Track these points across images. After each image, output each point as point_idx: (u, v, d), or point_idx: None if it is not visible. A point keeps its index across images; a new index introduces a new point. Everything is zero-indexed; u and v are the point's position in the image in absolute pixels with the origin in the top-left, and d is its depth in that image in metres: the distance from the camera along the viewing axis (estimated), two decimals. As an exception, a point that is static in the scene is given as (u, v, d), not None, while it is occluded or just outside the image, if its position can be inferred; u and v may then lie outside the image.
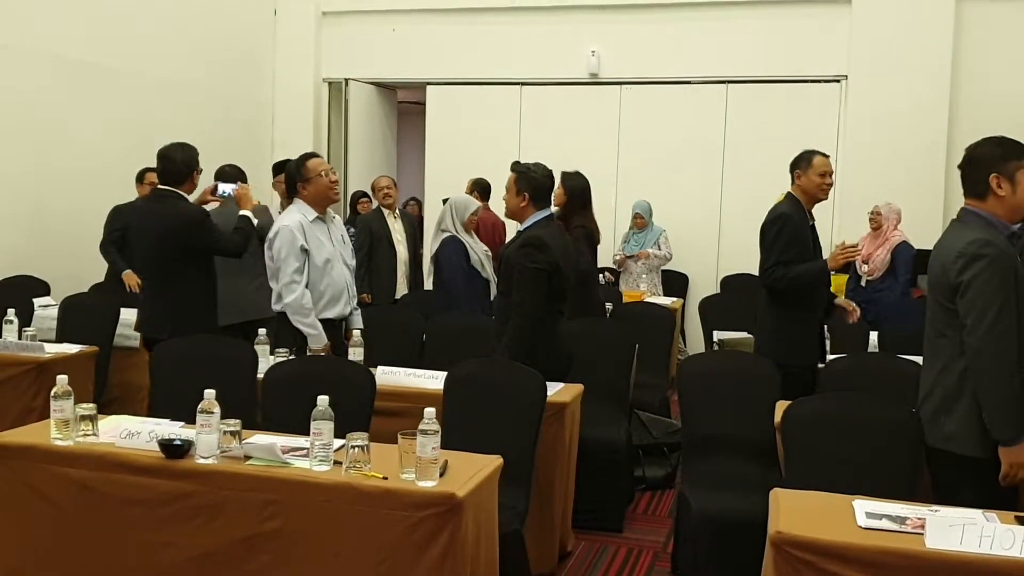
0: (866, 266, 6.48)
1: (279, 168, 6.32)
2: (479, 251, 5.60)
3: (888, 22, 7.57)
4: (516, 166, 4.11)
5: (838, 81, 7.83)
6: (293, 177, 4.23)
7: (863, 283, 6.45)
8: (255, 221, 4.70)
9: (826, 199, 4.41)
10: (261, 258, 4.37)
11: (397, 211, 6.75)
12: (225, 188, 4.81)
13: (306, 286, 4.07)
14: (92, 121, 6.79)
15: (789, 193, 4.39)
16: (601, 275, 6.85)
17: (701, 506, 3.49)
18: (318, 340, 4.04)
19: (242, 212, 4.67)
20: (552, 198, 5.30)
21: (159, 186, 4.56)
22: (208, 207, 4.86)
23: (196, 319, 4.43)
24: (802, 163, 4.37)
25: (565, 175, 5.43)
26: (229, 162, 7.44)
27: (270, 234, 4.14)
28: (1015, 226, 3.04)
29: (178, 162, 4.48)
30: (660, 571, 3.94)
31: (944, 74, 7.48)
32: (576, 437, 3.91)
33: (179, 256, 4.42)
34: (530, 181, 4.01)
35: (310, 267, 4.09)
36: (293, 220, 4.09)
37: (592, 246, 5.42)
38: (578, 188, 5.36)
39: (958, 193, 6.50)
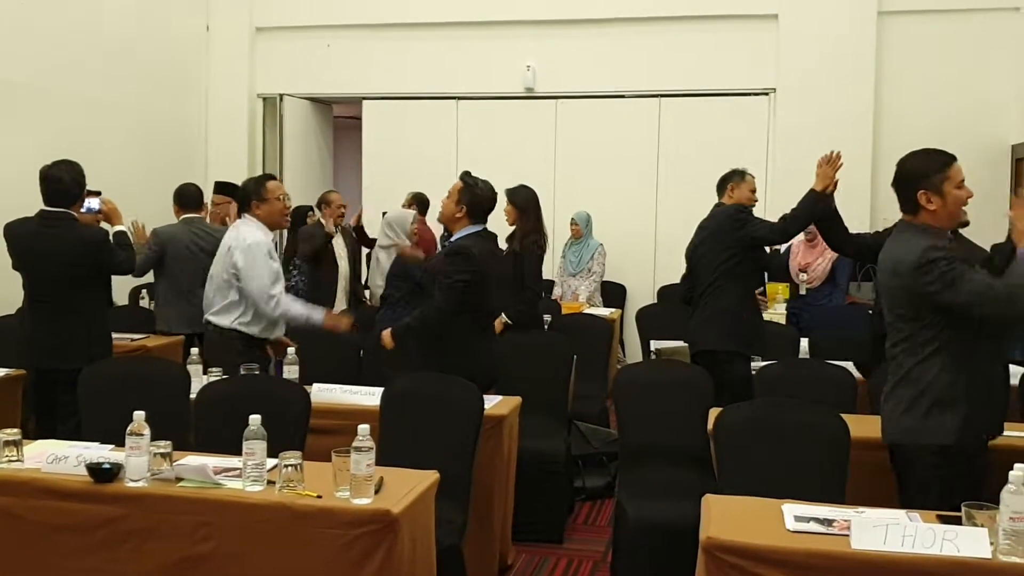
0: (804, 275, 6.61)
1: (221, 188, 6.29)
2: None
3: (814, 37, 7.76)
4: (465, 177, 4.17)
5: (767, 94, 8.00)
6: (248, 195, 4.22)
7: (802, 292, 6.56)
8: (131, 234, 4.72)
9: None
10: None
11: (339, 227, 6.72)
12: (91, 203, 4.68)
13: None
14: (22, 141, 6.61)
15: (721, 204, 4.51)
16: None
17: (637, 514, 3.54)
18: (317, 318, 4.18)
19: (118, 228, 4.61)
20: (505, 216, 5.41)
21: (48, 208, 4.38)
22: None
23: (107, 343, 4.40)
24: (735, 177, 4.51)
25: (511, 191, 5.45)
26: (161, 180, 7.37)
27: (241, 244, 4.07)
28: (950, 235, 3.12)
29: (67, 182, 4.35)
30: (600, 581, 3.98)
31: (868, 86, 7.70)
32: (515, 450, 3.93)
33: (87, 280, 4.36)
34: (473, 195, 4.07)
35: None
36: (261, 237, 4.10)
37: (538, 263, 5.45)
38: (528, 201, 5.38)
39: (884, 202, 6.70)
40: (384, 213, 5.85)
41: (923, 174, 2.87)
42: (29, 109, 6.74)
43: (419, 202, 6.88)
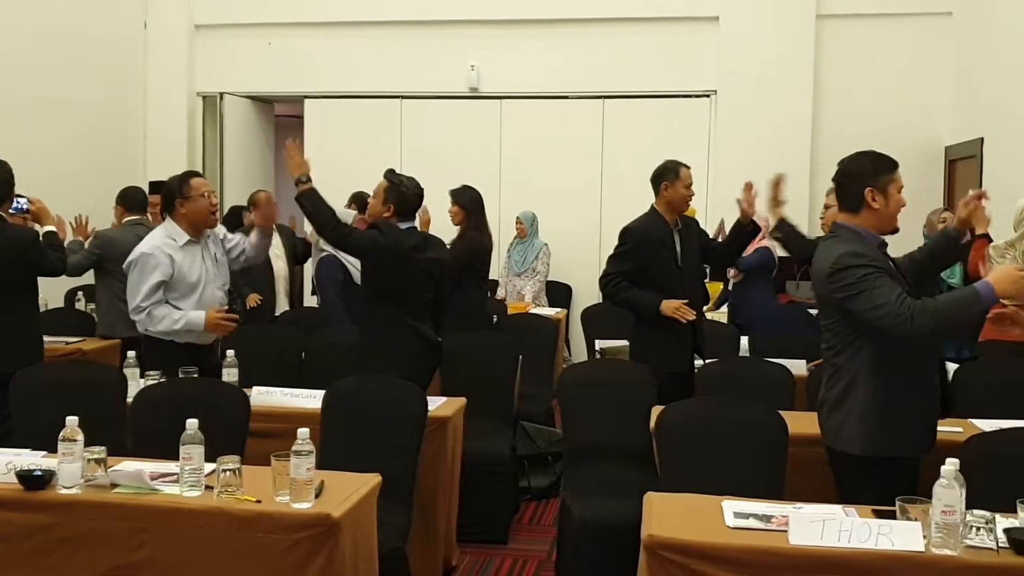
0: (732, 269, 6.69)
1: (157, 188, 6.16)
2: (359, 265, 5.56)
3: (754, 39, 7.88)
4: (389, 175, 4.16)
5: (708, 96, 8.10)
6: (172, 193, 4.02)
7: (730, 287, 6.64)
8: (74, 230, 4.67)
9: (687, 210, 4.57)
10: None
11: (275, 225, 6.61)
12: (20, 203, 4.56)
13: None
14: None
15: (652, 207, 4.48)
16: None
17: (581, 513, 3.55)
18: (198, 324, 3.89)
19: (47, 228, 4.50)
20: (450, 217, 5.40)
21: None
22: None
23: (38, 345, 4.29)
24: (669, 175, 4.45)
25: (455, 192, 5.45)
26: (99, 180, 7.21)
27: (131, 257, 3.94)
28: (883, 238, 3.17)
29: None
30: (544, 580, 3.99)
31: (807, 88, 7.85)
32: (459, 451, 3.92)
33: (16, 282, 4.24)
34: (399, 194, 4.08)
35: (173, 293, 3.91)
36: (152, 246, 3.89)
37: (484, 260, 5.43)
38: (473, 202, 5.38)
39: (821, 202, 6.77)
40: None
41: (871, 172, 2.92)
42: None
43: (360, 201, 6.81)
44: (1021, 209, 4.65)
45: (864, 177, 2.91)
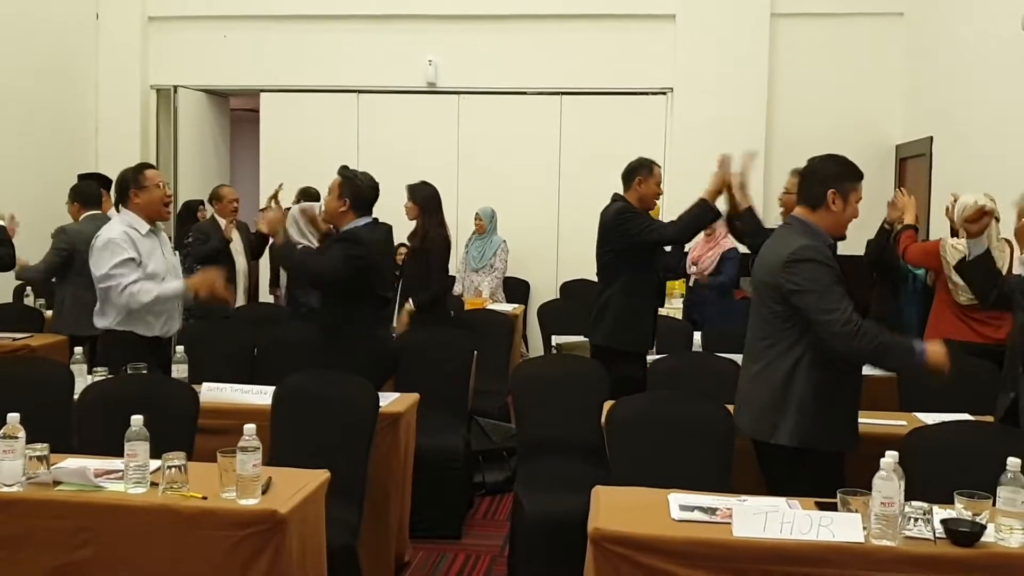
0: (695, 267, 6.76)
1: (102, 182, 6.08)
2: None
3: (710, 37, 7.95)
4: (343, 171, 4.14)
5: (665, 93, 8.16)
6: (126, 184, 4.00)
7: (691, 283, 6.71)
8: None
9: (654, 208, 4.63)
10: None
11: (234, 221, 6.57)
12: None
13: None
14: None
15: (621, 196, 4.51)
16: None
17: (533, 508, 3.57)
18: (178, 290, 3.97)
19: None
20: (405, 212, 5.38)
21: None
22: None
23: None
24: (643, 171, 4.52)
25: (412, 188, 5.43)
26: (50, 175, 7.06)
27: (95, 243, 3.90)
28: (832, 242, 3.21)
29: None
30: (497, 574, 4.00)
31: (762, 86, 7.93)
32: (412, 446, 3.92)
33: None
34: (353, 188, 4.06)
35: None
36: (117, 231, 3.88)
37: (445, 250, 5.45)
38: (429, 199, 5.37)
39: (775, 198, 6.83)
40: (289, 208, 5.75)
41: (838, 175, 2.98)
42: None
43: (308, 196, 6.76)
44: (965, 207, 4.74)
45: (829, 178, 2.97)
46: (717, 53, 7.93)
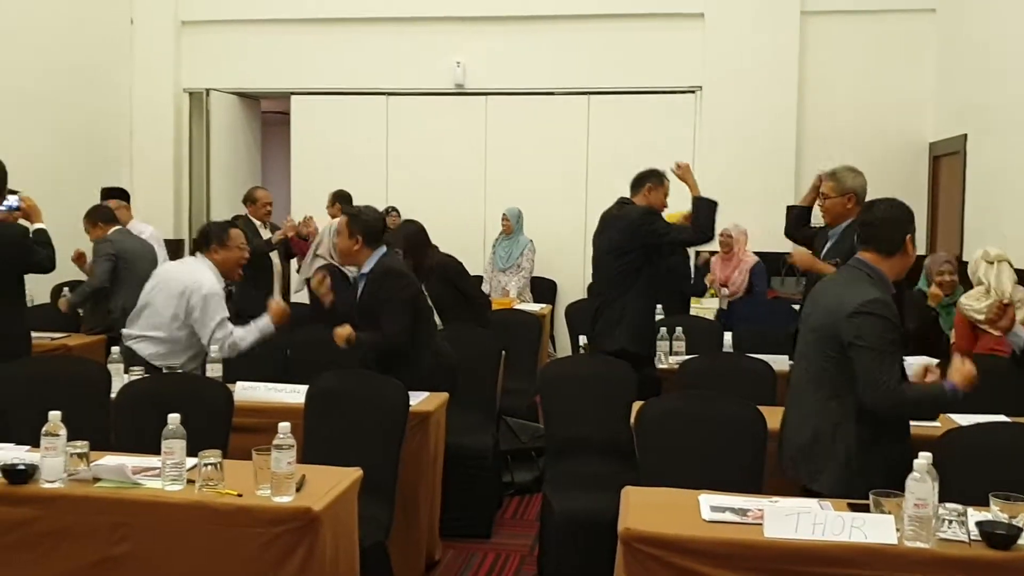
0: (726, 289, 6.75)
1: (113, 193, 6.19)
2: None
3: (739, 36, 7.92)
4: (347, 209, 4.16)
5: (693, 92, 8.14)
6: (208, 238, 4.19)
7: (724, 306, 6.67)
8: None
9: None
10: None
11: (269, 224, 6.64)
12: (10, 201, 4.56)
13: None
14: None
15: (629, 200, 4.53)
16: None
17: (563, 507, 3.58)
18: (270, 328, 4.16)
19: (38, 225, 4.52)
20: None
21: None
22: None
23: (26, 341, 4.32)
24: (654, 179, 4.54)
25: (396, 231, 5.37)
26: (86, 176, 7.17)
27: (198, 291, 4.03)
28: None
29: None
30: (526, 574, 4.01)
31: (791, 84, 7.89)
32: (442, 445, 3.94)
33: (5, 277, 4.27)
34: (362, 224, 4.02)
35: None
36: (216, 283, 4.09)
37: (461, 272, 5.49)
38: (413, 233, 5.27)
39: (803, 195, 6.75)
40: None
41: (910, 219, 2.95)
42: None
43: (342, 199, 6.82)
44: (974, 262, 4.79)
45: (904, 223, 2.93)
46: (746, 51, 7.90)
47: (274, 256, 6.56)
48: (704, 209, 4.45)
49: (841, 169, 4.18)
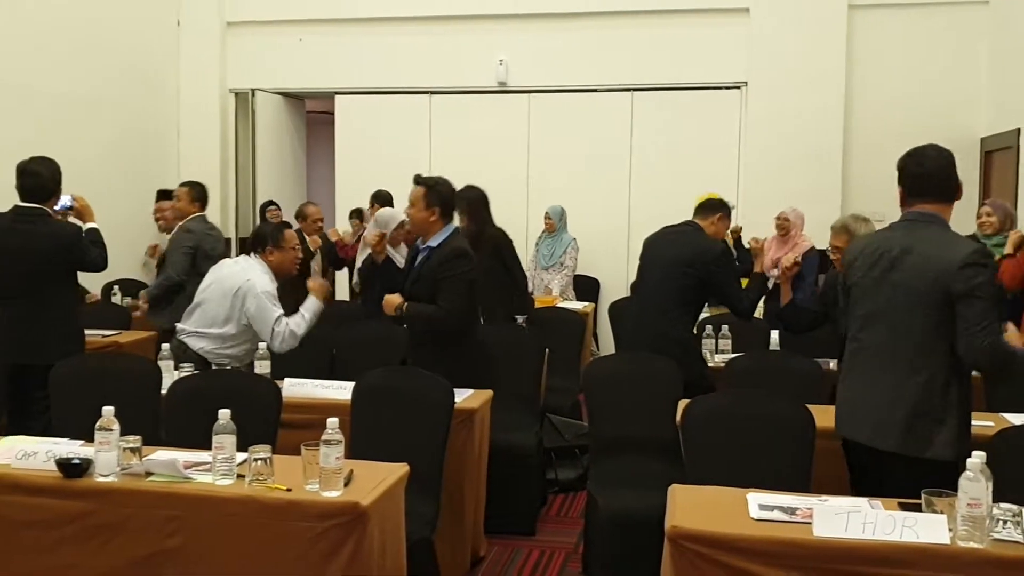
0: (775, 270, 6.64)
1: (167, 194, 6.27)
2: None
3: (785, 31, 7.83)
4: (423, 180, 4.07)
5: (738, 87, 8.06)
6: (264, 238, 4.25)
7: (769, 286, 6.57)
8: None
9: None
10: None
11: (319, 239, 6.70)
12: (64, 200, 4.65)
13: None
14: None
15: (696, 224, 4.42)
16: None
17: (608, 505, 3.57)
18: (318, 307, 4.26)
19: (90, 225, 4.61)
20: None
21: (22, 204, 4.40)
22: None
23: (80, 338, 4.41)
24: (725, 210, 4.47)
25: (459, 193, 5.40)
26: (134, 176, 7.27)
27: (252, 291, 4.09)
28: None
29: (45, 177, 4.38)
30: (571, 572, 4.01)
31: (838, 80, 7.78)
32: (486, 442, 3.95)
33: (60, 276, 4.37)
34: (440, 195, 4.02)
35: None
36: (269, 285, 4.15)
37: (512, 249, 5.52)
38: (479, 200, 5.35)
39: (854, 195, 6.73)
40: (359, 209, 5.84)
41: (954, 163, 2.92)
42: (1, 106, 6.67)
43: (381, 200, 6.87)
44: None
45: (954, 166, 2.90)
46: (792, 46, 7.80)
47: (314, 263, 6.60)
48: (758, 287, 4.40)
49: (849, 220, 4.16)
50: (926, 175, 2.89)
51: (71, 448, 2.91)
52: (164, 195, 6.33)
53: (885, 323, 2.84)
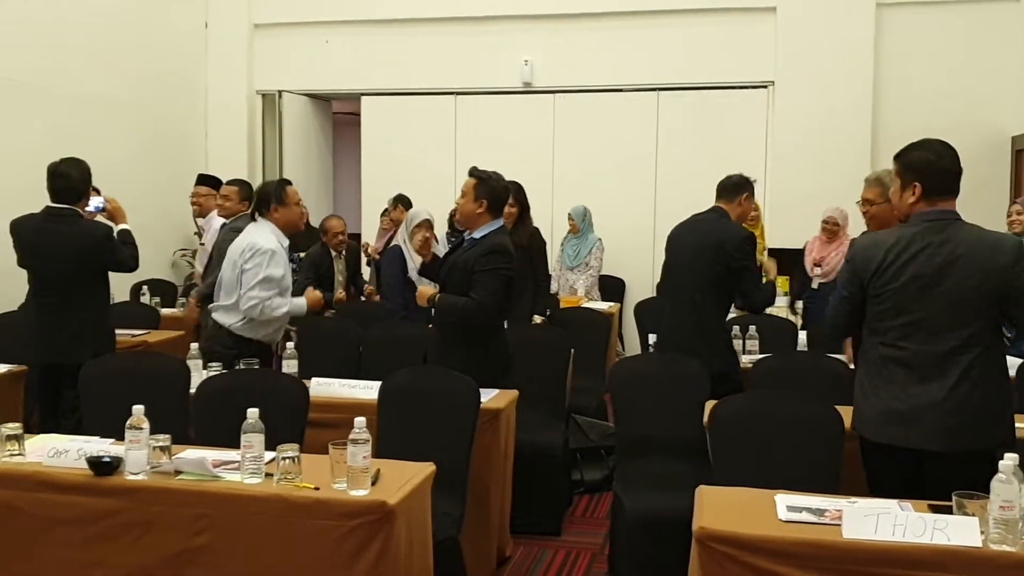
0: (819, 269, 6.56)
1: (205, 180, 6.29)
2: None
3: (812, 29, 7.78)
4: (477, 172, 4.04)
5: (765, 87, 8.01)
6: (268, 197, 4.23)
7: (815, 286, 6.48)
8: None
9: None
10: None
11: (343, 252, 6.73)
12: (96, 202, 4.69)
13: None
14: (24, 140, 6.64)
15: (722, 209, 4.35)
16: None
17: (634, 506, 3.56)
18: (302, 307, 4.25)
19: (122, 226, 4.65)
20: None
21: (53, 204, 4.45)
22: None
23: (111, 338, 4.46)
24: (750, 188, 4.36)
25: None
26: (162, 177, 7.30)
27: (250, 249, 4.08)
28: None
29: (75, 179, 4.42)
30: (597, 572, 4.00)
31: (867, 78, 7.71)
32: (512, 442, 3.95)
33: (91, 275, 4.42)
34: (490, 189, 3.97)
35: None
36: (274, 243, 4.11)
37: (543, 247, 5.56)
38: (520, 189, 5.41)
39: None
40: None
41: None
42: (29, 106, 6.77)
43: (404, 202, 6.91)
44: None
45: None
46: (820, 45, 7.75)
47: (340, 288, 6.62)
48: (771, 290, 4.38)
49: (884, 173, 4.07)
50: (950, 172, 2.86)
51: (102, 446, 2.93)
52: (206, 180, 6.29)
53: (934, 330, 2.78)
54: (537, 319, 5.51)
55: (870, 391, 2.92)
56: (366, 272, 7.65)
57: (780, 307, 6.34)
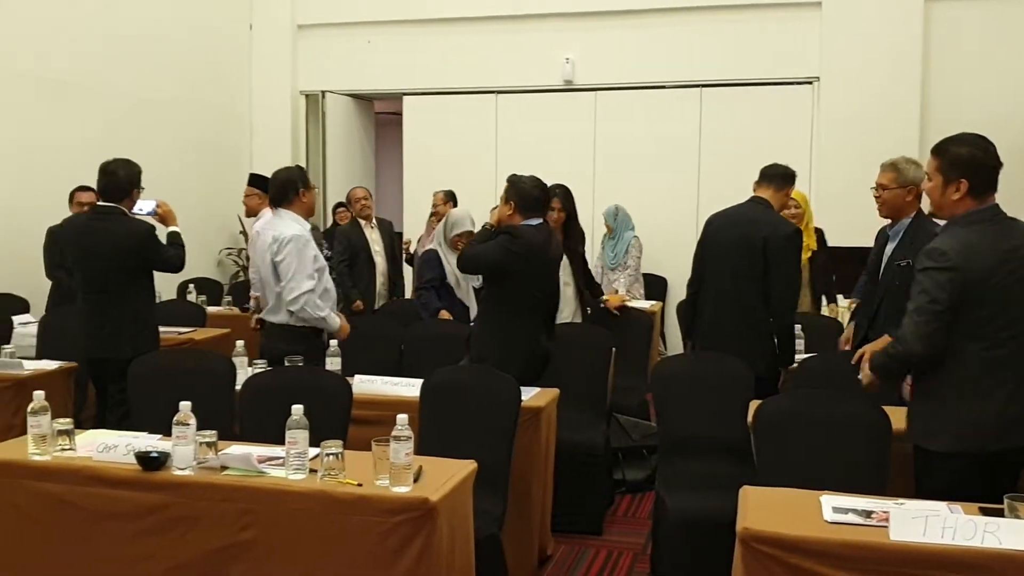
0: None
1: (256, 180, 6.34)
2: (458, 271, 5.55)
3: (858, 24, 7.67)
4: (511, 176, 4.22)
5: (811, 83, 7.92)
6: (294, 183, 4.30)
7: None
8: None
9: None
10: None
11: (374, 221, 6.77)
12: (145, 205, 4.75)
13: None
14: (72, 140, 6.79)
15: (765, 200, 4.30)
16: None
17: (677, 506, 3.54)
18: (335, 325, 4.28)
19: (171, 228, 4.72)
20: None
21: (100, 203, 4.55)
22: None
23: (154, 335, 4.53)
24: (792, 182, 4.38)
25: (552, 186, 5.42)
26: (207, 177, 7.39)
27: (284, 239, 4.15)
28: None
29: (122, 178, 4.49)
30: (639, 572, 3.98)
31: (914, 74, 7.59)
32: (553, 441, 3.94)
33: (133, 273, 4.49)
34: (518, 191, 4.12)
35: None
36: (296, 229, 4.19)
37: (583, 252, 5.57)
38: (571, 204, 5.37)
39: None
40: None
41: None
42: (78, 107, 6.91)
43: (452, 198, 6.96)
44: None
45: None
46: (867, 40, 7.63)
47: (379, 256, 6.67)
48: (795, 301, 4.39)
49: (901, 160, 4.01)
50: (997, 168, 2.81)
51: (149, 442, 2.99)
52: (256, 181, 6.34)
53: (973, 328, 2.70)
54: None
55: (983, 398, 2.73)
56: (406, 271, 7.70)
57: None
